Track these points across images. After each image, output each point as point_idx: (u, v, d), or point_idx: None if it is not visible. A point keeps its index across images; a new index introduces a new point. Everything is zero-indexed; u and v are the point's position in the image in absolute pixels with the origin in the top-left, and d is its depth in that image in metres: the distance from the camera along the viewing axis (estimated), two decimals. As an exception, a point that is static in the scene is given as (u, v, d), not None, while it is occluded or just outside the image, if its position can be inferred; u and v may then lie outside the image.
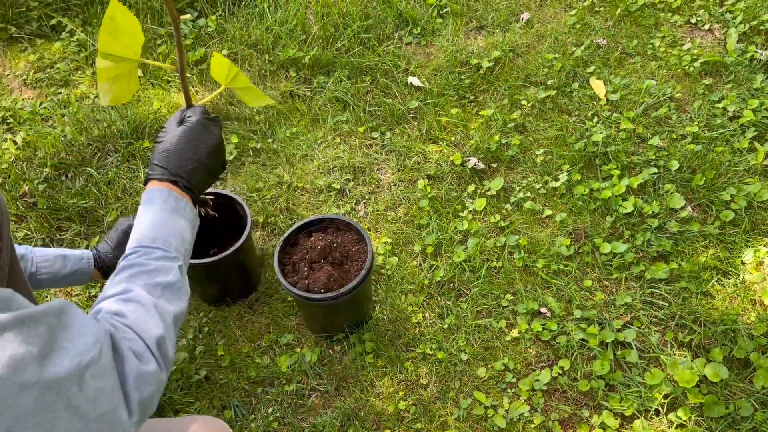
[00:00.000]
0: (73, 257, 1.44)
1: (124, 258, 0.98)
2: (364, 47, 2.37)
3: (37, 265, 1.39)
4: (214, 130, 1.11)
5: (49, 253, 1.42)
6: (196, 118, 1.08)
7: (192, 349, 1.67)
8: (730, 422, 1.41)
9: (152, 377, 0.85)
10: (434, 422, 1.50)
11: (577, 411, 1.49)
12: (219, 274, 1.63)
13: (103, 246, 1.49)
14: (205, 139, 1.08)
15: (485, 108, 2.15)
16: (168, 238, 0.99)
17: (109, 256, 1.47)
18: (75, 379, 0.72)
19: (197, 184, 1.07)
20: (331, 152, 2.08)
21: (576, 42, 2.31)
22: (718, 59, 2.13)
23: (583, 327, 1.60)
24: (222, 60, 1.11)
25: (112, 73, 1.02)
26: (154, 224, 1.00)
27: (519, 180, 1.95)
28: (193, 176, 1.06)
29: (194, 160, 1.06)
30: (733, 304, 1.61)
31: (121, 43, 0.99)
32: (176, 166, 1.04)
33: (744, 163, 1.86)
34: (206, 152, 1.08)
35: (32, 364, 0.67)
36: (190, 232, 1.05)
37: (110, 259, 1.47)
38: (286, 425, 1.53)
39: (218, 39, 2.45)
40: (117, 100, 1.06)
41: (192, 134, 1.07)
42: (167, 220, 1.01)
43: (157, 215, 1.01)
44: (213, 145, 1.09)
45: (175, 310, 0.96)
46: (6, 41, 2.54)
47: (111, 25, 0.96)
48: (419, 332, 1.65)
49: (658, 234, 1.75)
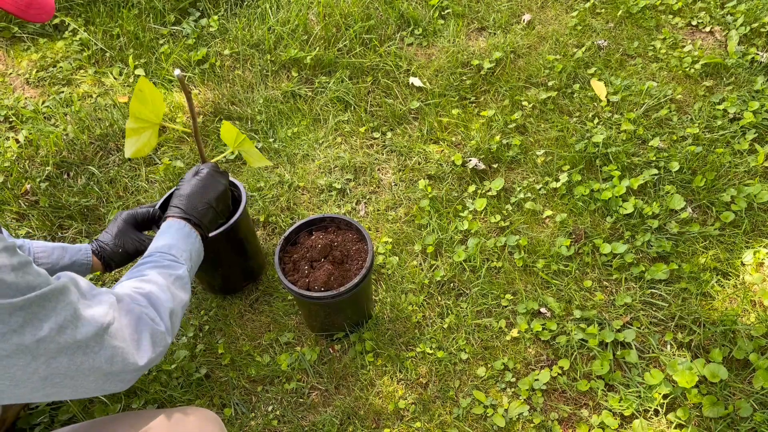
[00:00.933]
0: (71, 249, 1.45)
1: (140, 262, 1.18)
2: (366, 48, 2.38)
3: (34, 255, 1.39)
4: (222, 180, 1.38)
5: (47, 245, 1.43)
6: (207, 170, 1.37)
7: (192, 347, 1.67)
8: (729, 422, 1.41)
9: (161, 338, 1.04)
10: (434, 421, 1.50)
11: (576, 411, 1.49)
12: (220, 255, 1.61)
13: (103, 236, 1.49)
14: (214, 187, 1.35)
15: (486, 109, 2.15)
16: (179, 252, 1.22)
17: (110, 245, 1.47)
18: (98, 339, 0.90)
19: (206, 223, 1.32)
20: (332, 152, 2.08)
21: (577, 43, 2.31)
22: (719, 61, 2.13)
23: (583, 327, 1.60)
24: (231, 127, 1.41)
25: (138, 132, 1.29)
26: (167, 243, 1.22)
27: (519, 180, 1.96)
28: (203, 216, 1.31)
29: (205, 202, 1.32)
30: (733, 305, 1.61)
31: (147, 110, 1.26)
32: (190, 207, 1.29)
33: (744, 165, 1.87)
34: (214, 197, 1.34)
35: (70, 327, 0.86)
36: (197, 256, 1.28)
37: (111, 248, 1.47)
38: (286, 423, 1.53)
39: (220, 39, 2.46)
40: (139, 153, 1.31)
41: (204, 183, 1.34)
42: (179, 241, 1.24)
43: (170, 238, 1.23)
44: (220, 192, 1.36)
45: (182, 297, 1.16)
46: (9, 40, 2.55)
47: (140, 95, 1.23)
48: (419, 331, 1.65)
49: (658, 235, 1.76)
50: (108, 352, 0.92)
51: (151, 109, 1.26)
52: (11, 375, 0.82)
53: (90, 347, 0.89)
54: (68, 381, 0.88)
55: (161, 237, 1.24)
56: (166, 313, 1.08)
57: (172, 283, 1.14)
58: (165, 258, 1.19)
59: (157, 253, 1.20)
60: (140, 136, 1.29)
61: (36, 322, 0.82)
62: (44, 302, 0.83)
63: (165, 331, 1.05)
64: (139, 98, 1.24)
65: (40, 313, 0.82)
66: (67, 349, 0.86)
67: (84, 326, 0.88)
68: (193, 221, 1.29)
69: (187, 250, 1.24)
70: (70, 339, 0.86)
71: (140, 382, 1.58)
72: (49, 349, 0.84)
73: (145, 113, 1.26)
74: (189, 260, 1.23)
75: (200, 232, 1.30)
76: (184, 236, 1.25)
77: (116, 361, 0.94)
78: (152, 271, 1.15)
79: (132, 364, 0.97)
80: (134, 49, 2.44)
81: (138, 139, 1.29)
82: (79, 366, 0.88)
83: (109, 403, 1.55)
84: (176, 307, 1.12)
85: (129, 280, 1.12)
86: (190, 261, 1.24)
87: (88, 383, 0.92)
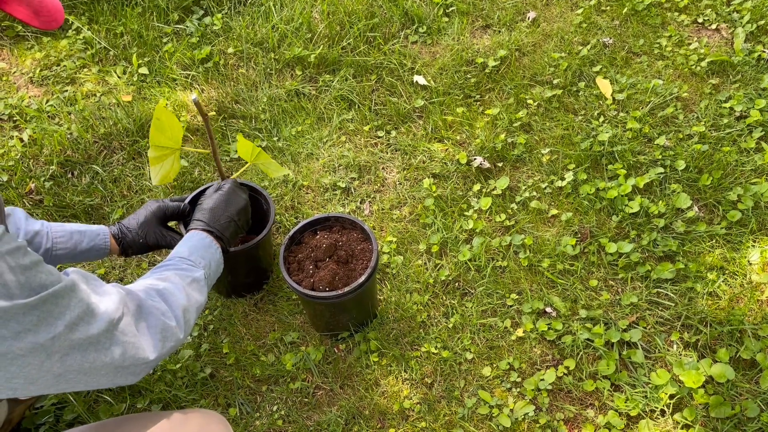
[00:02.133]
0: (89, 233, 1.44)
1: (158, 266, 1.22)
2: (370, 46, 2.37)
3: (53, 241, 1.39)
4: (243, 195, 1.45)
5: (66, 228, 1.42)
6: (228, 186, 1.43)
7: (197, 346, 1.67)
8: (736, 423, 1.41)
9: (172, 333, 1.05)
10: (439, 421, 1.50)
11: (582, 411, 1.49)
12: (237, 265, 1.63)
13: (129, 221, 1.48)
14: (236, 202, 1.41)
15: (491, 107, 2.14)
16: (198, 259, 1.25)
17: (132, 232, 1.47)
18: (109, 335, 0.92)
19: (228, 236, 1.37)
20: (336, 151, 2.08)
21: (582, 41, 2.30)
22: (725, 59, 2.12)
23: (589, 327, 1.60)
24: (246, 142, 1.46)
25: (161, 160, 1.35)
26: (188, 250, 1.27)
27: (525, 179, 1.95)
28: (225, 229, 1.36)
29: (226, 216, 1.37)
30: (740, 305, 1.60)
31: (165, 136, 1.31)
32: (212, 220, 1.35)
33: (751, 163, 1.86)
34: (235, 211, 1.40)
35: (82, 323, 0.87)
36: (216, 267, 1.31)
37: (133, 235, 1.47)
38: (291, 423, 1.53)
39: (224, 37, 2.45)
40: (165, 179, 1.37)
41: (226, 198, 1.40)
42: (199, 250, 1.28)
43: (191, 246, 1.28)
44: (241, 207, 1.42)
45: (198, 298, 1.18)
46: (12, 39, 2.55)
47: (158, 124, 1.28)
48: (424, 331, 1.65)
49: (664, 234, 1.75)
50: (119, 347, 0.94)
51: (169, 136, 1.32)
52: (26, 374, 0.83)
53: (101, 343, 0.91)
54: (81, 377, 0.90)
55: (182, 245, 1.28)
56: (179, 309, 1.10)
57: (188, 284, 1.17)
58: (184, 262, 1.23)
59: (176, 257, 1.24)
60: (163, 163, 1.36)
61: (50, 320, 0.83)
62: (57, 300, 0.84)
63: (176, 326, 1.07)
64: (157, 127, 1.29)
65: (54, 311, 0.84)
66: (80, 345, 0.88)
67: (96, 322, 0.90)
68: (215, 234, 1.33)
69: (207, 258, 1.28)
70: (83, 335, 0.88)
71: (145, 381, 1.58)
72: (62, 346, 0.85)
73: (164, 141, 1.32)
74: (208, 267, 1.26)
75: (221, 245, 1.34)
76: (205, 246, 1.30)
77: (127, 356, 0.95)
78: (169, 272, 1.18)
79: (142, 358, 0.98)
80: (138, 47, 2.44)
81: (162, 166, 1.36)
82: (92, 362, 0.90)
83: (114, 403, 1.55)
84: (190, 306, 1.14)
85: (145, 279, 1.15)
86: (208, 269, 1.27)
87: (100, 377, 0.93)
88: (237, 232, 1.42)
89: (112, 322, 0.93)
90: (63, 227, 1.42)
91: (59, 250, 1.40)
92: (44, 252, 1.37)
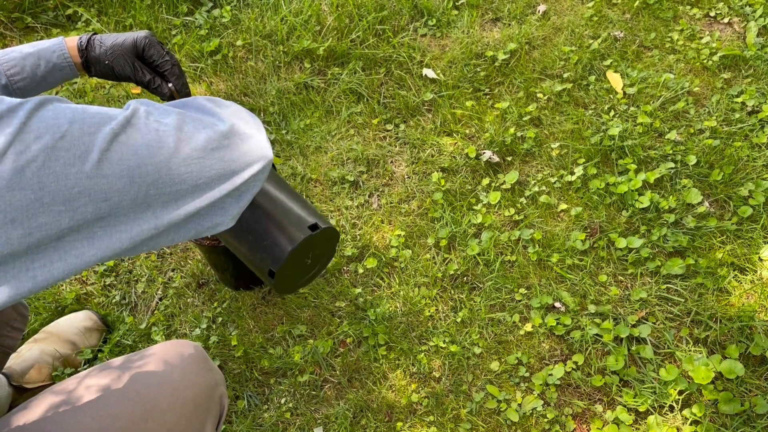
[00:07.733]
0: (44, 50, 1.16)
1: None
2: (379, 39, 2.36)
3: (4, 74, 1.12)
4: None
5: (14, 55, 1.13)
6: None
7: (206, 338, 1.67)
8: (745, 419, 1.40)
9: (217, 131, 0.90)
10: (447, 415, 1.50)
11: (590, 406, 1.49)
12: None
13: (107, 36, 1.21)
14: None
15: (500, 101, 2.13)
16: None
17: (103, 47, 1.18)
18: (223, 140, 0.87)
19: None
20: (344, 144, 2.07)
21: (593, 35, 2.29)
22: (738, 53, 2.10)
23: (598, 322, 1.59)
24: None
25: None
26: None
27: (534, 173, 1.94)
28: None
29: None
30: (750, 301, 1.59)
31: None
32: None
33: (763, 159, 1.84)
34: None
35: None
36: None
37: (101, 51, 1.18)
38: (299, 416, 1.53)
39: (233, 29, 2.45)
40: None
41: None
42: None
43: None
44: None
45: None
46: (22, 31, 2.55)
47: None
48: (432, 325, 1.65)
49: (674, 229, 1.74)
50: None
51: None
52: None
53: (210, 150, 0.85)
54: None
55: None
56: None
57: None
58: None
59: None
60: None
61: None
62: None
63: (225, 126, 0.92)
64: None
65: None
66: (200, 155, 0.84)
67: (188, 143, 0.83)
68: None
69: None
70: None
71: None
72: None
73: None
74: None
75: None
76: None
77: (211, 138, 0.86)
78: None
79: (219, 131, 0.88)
80: (147, 39, 2.44)
81: None
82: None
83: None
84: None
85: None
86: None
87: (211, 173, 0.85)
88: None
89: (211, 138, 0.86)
90: (7, 53, 1.12)
91: (18, 82, 1.13)
92: (2, 88, 1.12)
